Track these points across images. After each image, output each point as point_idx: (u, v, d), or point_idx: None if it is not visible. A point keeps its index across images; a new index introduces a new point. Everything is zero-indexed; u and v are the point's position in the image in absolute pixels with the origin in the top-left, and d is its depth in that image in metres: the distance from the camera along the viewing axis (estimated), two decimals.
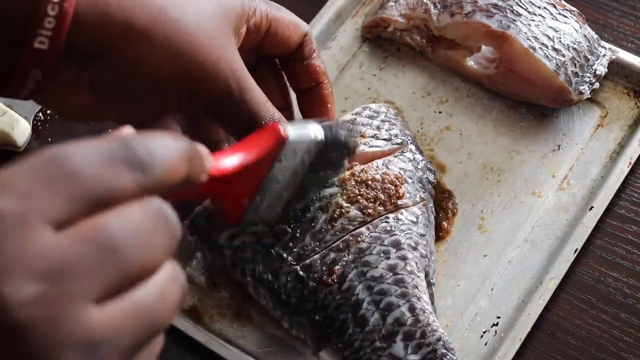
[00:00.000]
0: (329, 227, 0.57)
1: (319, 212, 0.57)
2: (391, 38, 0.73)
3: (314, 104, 0.62)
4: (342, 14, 0.75)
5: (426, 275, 0.58)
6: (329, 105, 0.61)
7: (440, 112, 0.70)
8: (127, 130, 0.35)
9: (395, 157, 0.61)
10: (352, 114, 0.63)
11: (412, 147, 0.63)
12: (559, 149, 0.68)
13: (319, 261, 0.56)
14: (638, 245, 0.64)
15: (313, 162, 0.53)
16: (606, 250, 0.64)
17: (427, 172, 0.62)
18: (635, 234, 0.64)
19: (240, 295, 0.63)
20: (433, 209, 0.62)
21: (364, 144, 0.61)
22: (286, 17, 0.57)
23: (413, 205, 0.59)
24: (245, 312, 0.62)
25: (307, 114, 0.63)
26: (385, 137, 0.62)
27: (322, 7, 0.75)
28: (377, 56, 0.74)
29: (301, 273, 0.56)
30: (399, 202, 0.58)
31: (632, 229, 0.65)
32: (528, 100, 0.69)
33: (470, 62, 0.70)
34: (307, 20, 0.73)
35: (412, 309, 0.55)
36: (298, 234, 0.57)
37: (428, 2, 0.70)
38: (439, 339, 0.54)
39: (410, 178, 0.60)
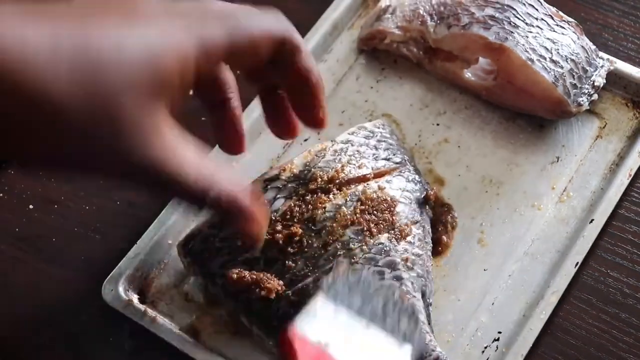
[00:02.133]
0: (322, 251, 0.56)
1: (313, 236, 0.57)
2: (388, 50, 0.73)
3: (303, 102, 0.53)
4: (338, 26, 0.75)
5: (423, 295, 0.57)
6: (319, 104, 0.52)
7: (438, 125, 0.70)
8: None
9: (393, 177, 0.60)
10: (348, 134, 0.62)
11: (410, 166, 0.62)
12: (558, 161, 0.67)
13: (311, 285, 0.56)
14: (638, 245, 0.64)
15: None
16: (606, 250, 0.64)
17: (424, 191, 0.61)
18: (635, 234, 0.64)
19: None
20: (429, 230, 0.61)
21: (362, 165, 0.60)
22: (250, 29, 0.48)
23: (409, 225, 0.58)
24: (243, 330, 0.62)
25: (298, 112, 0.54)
26: (384, 156, 0.61)
27: (323, 11, 0.74)
28: (374, 68, 0.73)
29: (293, 298, 0.56)
30: (395, 222, 0.58)
31: (632, 229, 0.64)
32: (526, 112, 0.69)
33: (468, 74, 0.70)
34: (307, 27, 0.73)
35: None
36: (291, 261, 0.56)
37: (425, 14, 0.70)
38: (436, 359, 0.54)
39: (407, 198, 0.60)
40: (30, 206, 0.69)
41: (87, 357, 0.63)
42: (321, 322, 0.50)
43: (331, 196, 0.58)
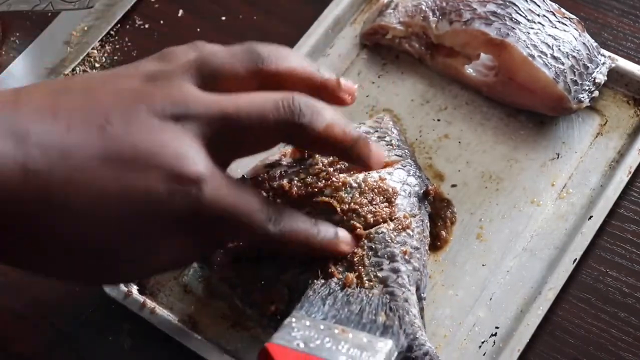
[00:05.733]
0: None
1: None
2: (390, 45, 0.73)
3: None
4: (340, 20, 0.75)
5: (417, 289, 0.57)
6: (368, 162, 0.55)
7: (439, 120, 0.70)
8: None
9: (394, 169, 0.60)
10: None
11: (410, 160, 0.62)
12: (558, 158, 0.67)
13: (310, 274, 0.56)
14: (637, 245, 0.64)
15: None
16: (605, 250, 0.64)
17: (424, 186, 0.62)
18: (634, 233, 0.64)
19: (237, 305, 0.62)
20: (428, 224, 0.61)
21: None
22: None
23: (408, 218, 0.58)
24: (242, 322, 0.62)
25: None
26: (385, 149, 0.61)
27: (323, 8, 0.75)
28: (375, 63, 0.73)
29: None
30: (393, 214, 0.58)
31: (631, 228, 0.65)
32: (527, 108, 0.69)
33: (469, 70, 0.70)
34: (308, 24, 0.74)
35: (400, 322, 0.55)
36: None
37: (427, 9, 0.70)
38: (426, 353, 0.53)
39: (406, 191, 0.60)
40: None
41: (88, 355, 0.63)
42: (299, 332, 0.50)
43: (330, 182, 0.58)
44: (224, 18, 0.79)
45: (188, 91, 0.47)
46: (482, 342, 0.60)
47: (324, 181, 0.58)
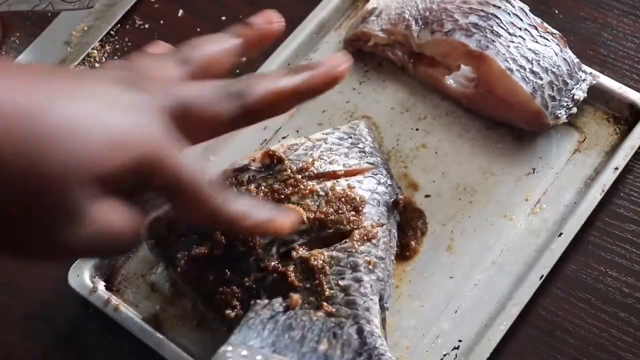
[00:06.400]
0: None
1: None
2: (373, 52, 0.73)
3: None
4: (325, 25, 0.75)
5: (380, 299, 0.57)
6: None
7: (417, 129, 0.70)
8: None
9: (364, 177, 0.60)
10: (323, 134, 0.62)
11: (383, 169, 0.62)
12: (534, 172, 0.67)
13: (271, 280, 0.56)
14: (637, 245, 0.64)
15: None
16: (605, 250, 0.64)
17: (395, 196, 0.61)
18: (634, 233, 0.64)
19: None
20: (396, 234, 0.61)
21: (333, 161, 0.60)
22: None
23: (374, 227, 0.58)
24: (207, 322, 0.62)
25: None
26: (357, 156, 0.61)
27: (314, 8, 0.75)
28: (358, 70, 0.73)
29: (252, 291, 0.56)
30: (360, 222, 0.58)
31: (631, 228, 0.64)
32: (505, 121, 0.68)
33: (450, 81, 0.69)
34: (296, 23, 0.74)
35: (360, 331, 0.54)
36: (253, 250, 0.56)
37: (410, 18, 0.70)
38: None
39: (376, 200, 0.59)
40: None
41: (88, 355, 0.63)
42: None
43: (298, 189, 0.58)
44: (224, 18, 0.79)
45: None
46: (444, 355, 0.60)
47: (291, 188, 0.58)
